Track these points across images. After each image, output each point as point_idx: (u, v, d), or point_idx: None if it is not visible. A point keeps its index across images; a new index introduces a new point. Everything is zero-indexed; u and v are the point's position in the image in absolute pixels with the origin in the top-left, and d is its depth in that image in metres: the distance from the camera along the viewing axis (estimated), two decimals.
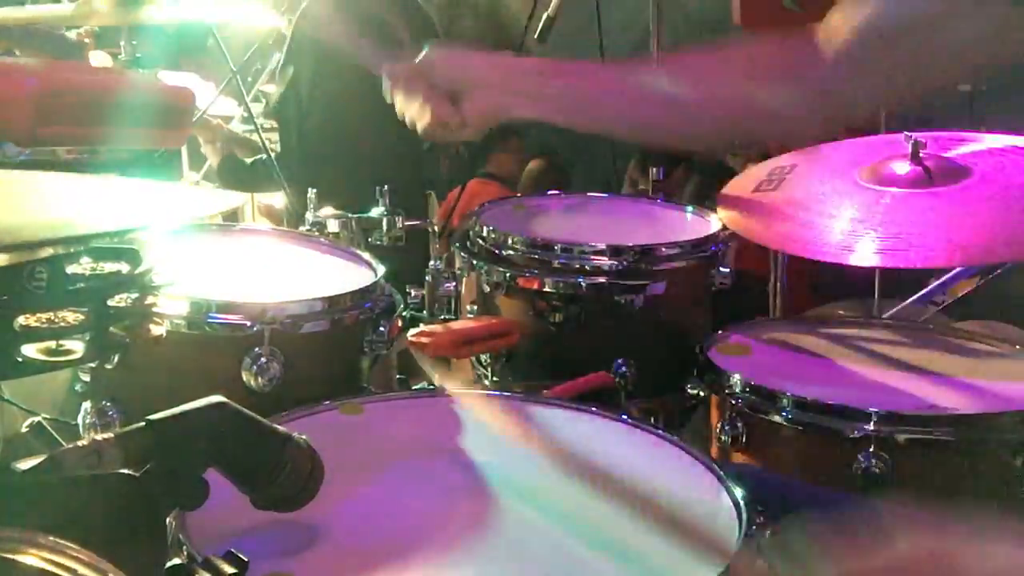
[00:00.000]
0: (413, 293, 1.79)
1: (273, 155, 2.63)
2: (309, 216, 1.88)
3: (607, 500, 1.13)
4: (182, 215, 1.14)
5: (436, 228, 1.99)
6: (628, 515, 1.09)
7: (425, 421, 1.31)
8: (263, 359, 1.38)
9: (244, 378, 1.38)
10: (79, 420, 1.44)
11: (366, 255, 1.69)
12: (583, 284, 1.66)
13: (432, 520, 1.07)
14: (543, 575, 1.00)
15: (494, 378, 1.73)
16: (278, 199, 3.00)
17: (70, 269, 0.92)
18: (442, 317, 1.79)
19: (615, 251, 1.66)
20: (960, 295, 2.64)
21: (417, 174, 3.09)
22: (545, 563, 1.01)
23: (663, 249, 1.69)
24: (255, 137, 2.71)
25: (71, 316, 0.89)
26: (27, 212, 0.96)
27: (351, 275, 1.62)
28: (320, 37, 2.73)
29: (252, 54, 3.00)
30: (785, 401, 1.42)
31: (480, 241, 1.76)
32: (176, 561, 0.91)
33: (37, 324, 0.87)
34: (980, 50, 0.95)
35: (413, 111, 1.37)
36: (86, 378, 1.44)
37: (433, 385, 1.58)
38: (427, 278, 1.81)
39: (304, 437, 0.97)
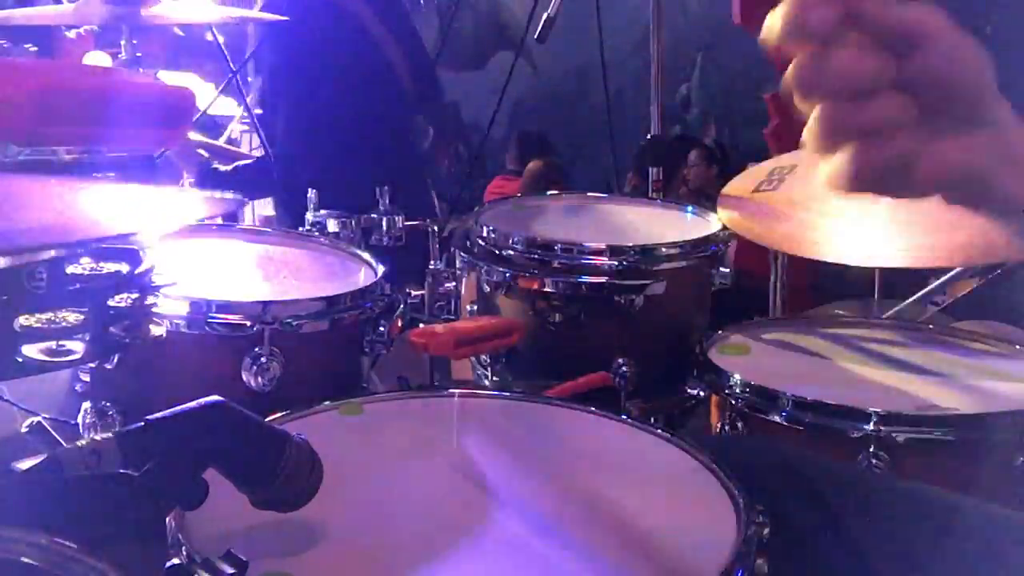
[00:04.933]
0: (413, 293, 1.80)
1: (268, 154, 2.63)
2: (309, 216, 1.88)
3: (606, 500, 1.13)
4: (181, 218, 1.14)
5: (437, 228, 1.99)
6: (628, 515, 1.09)
7: (425, 421, 1.31)
8: (263, 359, 1.38)
9: (244, 378, 1.38)
10: (79, 420, 1.44)
11: (366, 255, 1.69)
12: (583, 284, 1.66)
13: (432, 520, 1.07)
14: (543, 575, 1.00)
15: (494, 378, 1.73)
16: (270, 208, 3.01)
17: (70, 269, 0.92)
18: (442, 317, 1.79)
19: (615, 251, 1.66)
20: (960, 295, 2.65)
21: (420, 172, 3.09)
22: (545, 563, 1.01)
23: (663, 249, 1.69)
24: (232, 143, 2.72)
25: (71, 316, 0.89)
26: (28, 214, 0.96)
27: (351, 275, 1.62)
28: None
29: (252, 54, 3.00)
30: (785, 401, 1.42)
31: (480, 241, 1.76)
32: (176, 561, 0.91)
33: (37, 324, 0.87)
34: None
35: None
36: (86, 378, 1.44)
37: (433, 385, 1.58)
38: (427, 278, 1.81)
39: (304, 437, 0.97)
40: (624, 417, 1.31)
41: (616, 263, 1.65)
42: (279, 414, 1.23)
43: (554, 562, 1.01)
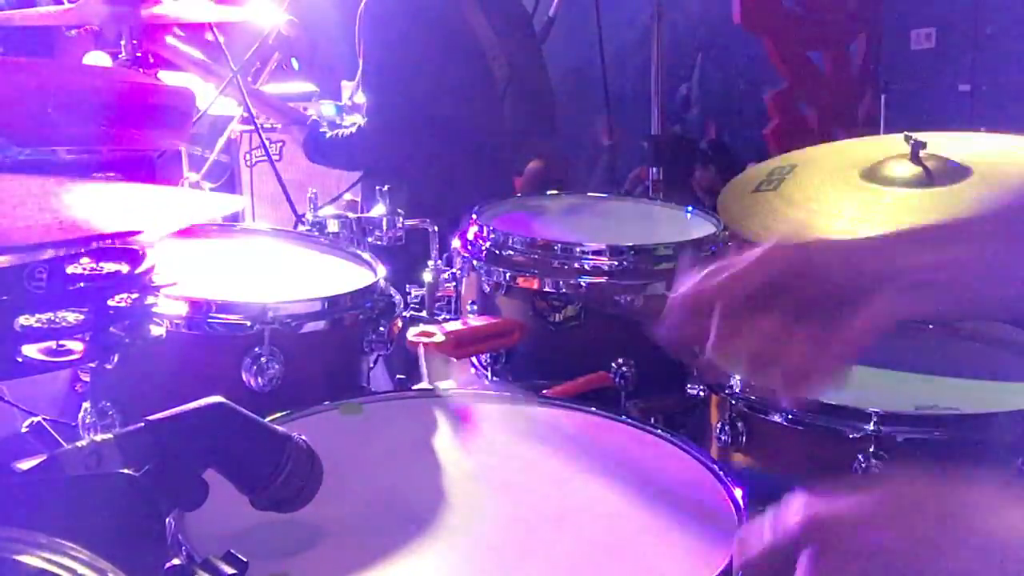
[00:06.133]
0: (413, 293, 1.80)
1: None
2: (309, 216, 1.89)
3: (607, 500, 1.13)
4: (182, 219, 1.14)
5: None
6: (628, 515, 1.09)
7: (425, 421, 1.31)
8: (263, 359, 1.38)
9: (244, 378, 1.38)
10: (79, 420, 1.44)
11: (366, 255, 1.69)
12: (583, 284, 1.66)
13: (431, 520, 1.07)
14: (543, 575, 1.00)
15: (494, 378, 1.73)
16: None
17: (70, 269, 0.92)
18: (442, 317, 1.79)
19: (614, 251, 1.66)
20: None
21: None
22: (546, 563, 1.01)
23: (663, 249, 1.69)
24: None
25: (71, 316, 0.89)
26: (28, 214, 0.96)
27: (351, 275, 1.62)
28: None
29: (252, 54, 3.00)
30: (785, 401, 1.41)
31: (480, 241, 1.76)
32: (176, 562, 0.91)
33: (37, 324, 0.87)
34: None
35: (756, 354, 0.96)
36: (86, 378, 1.44)
37: (433, 385, 1.58)
38: (427, 278, 1.81)
39: (304, 437, 0.97)
40: (624, 417, 1.31)
41: (616, 263, 1.65)
42: (279, 414, 1.23)
43: (554, 562, 1.01)
